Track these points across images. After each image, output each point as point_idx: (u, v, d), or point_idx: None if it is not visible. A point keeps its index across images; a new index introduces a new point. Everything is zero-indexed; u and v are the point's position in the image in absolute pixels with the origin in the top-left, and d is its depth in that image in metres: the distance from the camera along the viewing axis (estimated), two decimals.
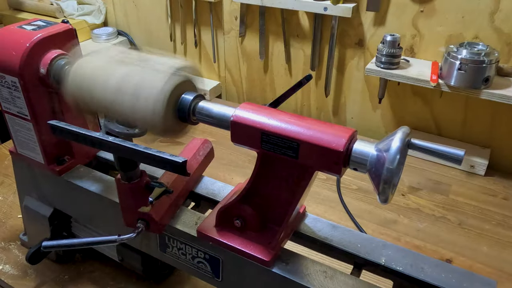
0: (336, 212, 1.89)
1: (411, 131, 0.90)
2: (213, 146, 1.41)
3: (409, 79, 2.01)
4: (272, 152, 0.97)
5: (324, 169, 0.95)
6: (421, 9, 2.06)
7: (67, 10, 3.00)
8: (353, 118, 2.52)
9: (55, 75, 1.25)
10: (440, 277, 1.04)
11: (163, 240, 1.26)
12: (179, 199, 1.26)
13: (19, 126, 1.36)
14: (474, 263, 1.63)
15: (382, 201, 0.89)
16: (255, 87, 2.81)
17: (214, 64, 2.89)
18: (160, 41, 3.06)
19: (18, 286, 1.55)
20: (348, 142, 0.90)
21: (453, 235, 1.76)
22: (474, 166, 2.10)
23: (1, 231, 1.78)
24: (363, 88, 2.40)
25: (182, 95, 1.06)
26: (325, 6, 2.16)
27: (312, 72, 2.49)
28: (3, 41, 1.27)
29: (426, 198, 1.96)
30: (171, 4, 2.83)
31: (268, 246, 1.09)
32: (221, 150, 2.24)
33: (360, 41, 2.29)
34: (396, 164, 0.84)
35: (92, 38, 3.06)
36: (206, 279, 1.25)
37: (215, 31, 2.76)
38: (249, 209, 1.10)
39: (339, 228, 1.18)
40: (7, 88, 1.29)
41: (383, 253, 1.10)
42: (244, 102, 1.02)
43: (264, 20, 2.51)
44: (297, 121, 0.94)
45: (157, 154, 0.99)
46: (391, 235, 1.75)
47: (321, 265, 1.09)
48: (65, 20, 1.35)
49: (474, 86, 1.87)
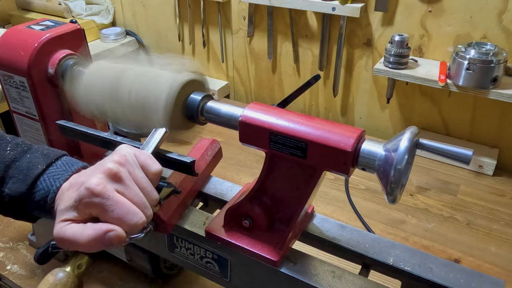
0: (344, 212, 1.89)
1: (419, 131, 0.90)
2: (221, 146, 1.41)
3: (417, 79, 2.01)
4: (281, 152, 0.97)
5: (332, 169, 0.95)
6: (429, 9, 2.06)
7: (75, 10, 3.00)
8: (361, 118, 2.52)
9: (63, 75, 1.25)
10: (448, 277, 1.03)
11: (171, 240, 1.26)
12: (188, 199, 1.26)
13: (27, 126, 1.36)
14: (483, 263, 1.63)
15: (390, 201, 0.89)
16: (263, 87, 2.81)
17: (222, 64, 2.90)
18: (168, 41, 3.06)
19: (26, 286, 1.55)
20: (356, 142, 0.89)
21: (461, 235, 1.75)
22: (483, 166, 2.10)
23: (10, 231, 1.78)
24: (371, 88, 2.39)
25: (191, 95, 1.06)
26: (333, 6, 2.16)
27: (320, 72, 2.49)
28: (12, 41, 1.27)
29: (434, 198, 1.96)
30: (179, 4, 2.83)
31: (276, 246, 1.09)
32: (229, 150, 2.25)
33: (368, 41, 2.29)
34: (404, 164, 0.84)
35: (100, 38, 3.06)
36: (214, 279, 1.25)
37: (223, 31, 2.76)
38: (257, 209, 1.10)
39: (347, 228, 1.18)
40: (15, 88, 1.29)
41: (391, 253, 1.10)
42: (253, 102, 1.02)
43: (272, 20, 2.51)
44: (305, 121, 0.94)
45: (165, 154, 0.99)
46: (399, 235, 1.75)
47: (329, 265, 1.09)
48: (73, 20, 1.35)
49: (482, 86, 1.87)
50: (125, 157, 0.88)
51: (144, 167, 0.90)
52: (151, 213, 0.88)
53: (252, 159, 2.22)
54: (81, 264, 0.88)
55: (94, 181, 0.82)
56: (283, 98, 1.08)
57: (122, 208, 0.82)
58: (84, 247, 0.83)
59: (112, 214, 0.82)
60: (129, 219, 0.83)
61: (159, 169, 0.91)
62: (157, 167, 0.91)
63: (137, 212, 0.84)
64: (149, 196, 0.88)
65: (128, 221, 0.82)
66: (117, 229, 0.82)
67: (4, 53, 1.28)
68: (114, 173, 0.84)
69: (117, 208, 0.82)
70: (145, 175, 0.89)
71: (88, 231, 0.82)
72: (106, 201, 0.82)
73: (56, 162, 0.98)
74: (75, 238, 0.82)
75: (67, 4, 3.01)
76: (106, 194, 0.82)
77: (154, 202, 0.89)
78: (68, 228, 0.83)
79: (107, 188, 0.83)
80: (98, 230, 0.81)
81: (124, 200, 0.83)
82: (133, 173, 0.87)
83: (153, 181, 0.90)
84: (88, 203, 0.82)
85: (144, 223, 0.85)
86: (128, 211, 0.83)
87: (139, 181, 0.87)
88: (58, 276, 0.85)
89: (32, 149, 1.01)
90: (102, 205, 0.82)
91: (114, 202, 0.82)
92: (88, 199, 0.82)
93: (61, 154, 1.01)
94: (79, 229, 0.82)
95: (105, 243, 0.82)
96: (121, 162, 0.86)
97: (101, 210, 0.82)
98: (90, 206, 0.83)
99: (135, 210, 0.84)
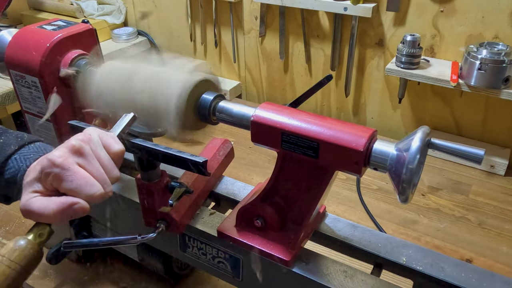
0: (356, 212, 1.89)
1: (431, 131, 0.90)
2: (233, 146, 1.41)
3: (429, 79, 2.01)
4: (293, 152, 0.97)
5: (344, 169, 0.95)
6: (441, 9, 2.06)
7: (87, 10, 3.01)
8: (373, 118, 2.52)
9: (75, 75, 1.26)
10: (460, 277, 1.03)
11: (183, 240, 1.26)
12: (200, 199, 1.27)
13: (39, 126, 1.37)
14: (494, 263, 1.63)
15: (402, 200, 0.89)
16: (275, 87, 2.81)
17: (234, 64, 2.90)
18: (180, 41, 3.07)
19: (38, 286, 1.55)
20: (368, 142, 0.90)
21: (473, 235, 1.75)
22: (494, 166, 2.09)
23: (21, 230, 1.79)
24: (383, 88, 2.39)
25: (202, 95, 1.06)
26: (345, 6, 2.16)
27: (332, 72, 2.49)
28: (23, 41, 1.28)
29: (446, 198, 1.95)
30: (191, 4, 2.84)
31: (288, 245, 1.09)
32: (241, 150, 2.25)
33: (380, 41, 2.29)
34: (416, 164, 0.84)
35: (112, 38, 3.07)
36: (227, 279, 1.25)
37: (235, 31, 2.77)
38: (269, 209, 1.10)
39: (359, 228, 1.18)
40: (27, 88, 1.30)
41: (403, 253, 1.10)
42: (264, 102, 1.02)
43: (284, 20, 2.51)
44: (317, 121, 0.95)
45: (177, 154, 0.99)
46: (411, 235, 1.75)
47: (341, 264, 1.09)
48: (85, 20, 1.36)
49: (494, 86, 1.87)
50: (89, 136, 0.91)
51: (107, 146, 0.93)
52: (110, 189, 0.90)
53: (264, 159, 2.22)
54: (42, 234, 0.89)
55: (56, 153, 0.87)
56: (295, 98, 1.08)
57: (81, 179, 0.86)
58: (50, 219, 0.87)
59: (70, 184, 0.85)
60: (87, 190, 0.86)
61: (120, 149, 0.94)
62: (119, 147, 0.94)
63: (96, 184, 0.87)
64: (109, 173, 0.91)
65: (86, 191, 0.86)
66: (81, 202, 0.85)
67: (16, 53, 1.28)
68: (77, 149, 0.88)
69: (76, 179, 0.85)
70: (107, 154, 0.92)
71: (52, 205, 0.85)
72: (66, 172, 0.85)
73: (29, 145, 1.04)
74: (40, 211, 0.86)
75: (79, 4, 3.02)
76: (67, 165, 0.85)
77: (115, 180, 0.92)
78: (35, 201, 0.87)
79: (68, 160, 0.86)
80: (64, 203, 0.85)
81: (83, 172, 0.87)
82: (95, 151, 0.90)
83: (115, 161, 0.93)
84: (49, 173, 0.86)
85: (102, 195, 0.88)
86: (86, 182, 0.86)
87: (101, 159, 0.90)
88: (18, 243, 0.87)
89: (7, 133, 1.07)
90: (62, 175, 0.85)
91: (73, 173, 0.85)
92: (49, 169, 0.86)
93: (36, 139, 1.07)
94: (45, 202, 0.86)
95: (70, 215, 0.86)
96: (85, 140, 0.90)
97: (60, 180, 0.85)
98: (50, 176, 0.86)
99: (93, 182, 0.87)
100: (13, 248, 0.90)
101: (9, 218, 1.86)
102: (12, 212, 1.88)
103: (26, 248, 0.90)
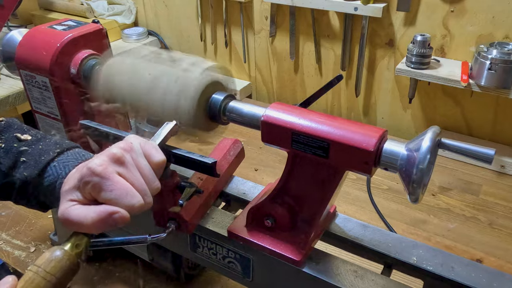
0: (367, 212, 1.89)
1: (441, 131, 0.90)
2: (243, 146, 1.41)
3: (440, 79, 2.01)
4: (303, 151, 0.97)
5: (354, 169, 0.95)
6: (452, 9, 2.06)
7: (98, 10, 3.02)
8: (384, 118, 2.52)
9: (85, 75, 1.26)
10: (470, 277, 1.03)
11: (193, 240, 1.26)
12: (210, 199, 1.27)
13: (49, 126, 1.37)
14: (505, 263, 1.62)
15: (413, 200, 0.89)
16: (285, 87, 2.81)
17: (244, 64, 2.90)
18: (191, 41, 3.07)
19: None
20: (378, 142, 0.90)
21: (483, 235, 1.75)
22: (505, 166, 2.09)
23: (32, 231, 1.80)
24: (393, 88, 2.39)
25: (213, 95, 1.07)
26: (356, 6, 2.16)
27: (343, 72, 2.49)
28: (34, 41, 1.29)
29: (456, 198, 1.95)
30: (202, 4, 2.84)
31: (299, 245, 1.09)
32: (251, 150, 2.25)
33: (390, 41, 2.29)
34: (426, 164, 0.84)
35: (123, 38, 3.08)
36: (237, 278, 1.25)
37: (245, 31, 2.77)
38: (279, 209, 1.10)
39: (370, 228, 1.18)
40: (37, 88, 1.30)
41: (413, 253, 1.10)
42: (275, 102, 1.02)
43: (294, 20, 2.51)
44: (328, 121, 0.95)
45: (187, 155, 1.00)
46: (422, 235, 1.74)
47: (351, 264, 1.09)
48: (95, 20, 1.36)
49: (504, 86, 1.86)
50: (131, 144, 0.90)
51: (148, 156, 0.91)
52: (150, 200, 0.89)
53: (274, 159, 2.22)
54: (79, 244, 0.88)
55: (96, 161, 0.84)
56: (305, 98, 1.08)
57: (121, 189, 0.84)
58: (89, 229, 0.85)
59: (109, 194, 0.83)
60: (127, 201, 0.84)
61: (162, 159, 0.92)
62: (160, 157, 0.92)
63: (136, 195, 0.85)
64: (150, 184, 0.89)
65: (125, 202, 0.84)
66: (121, 211, 0.83)
67: (27, 53, 1.29)
68: (117, 157, 0.86)
69: (116, 189, 0.83)
70: (148, 164, 0.90)
71: (92, 214, 0.83)
72: (106, 181, 0.83)
73: (68, 152, 1.01)
74: (79, 220, 0.84)
75: (89, 4, 3.03)
76: (107, 175, 0.83)
77: (155, 191, 0.90)
78: (73, 210, 0.85)
79: (108, 169, 0.84)
80: (104, 212, 0.83)
81: (123, 182, 0.85)
82: (136, 160, 0.89)
83: (156, 171, 0.91)
84: (88, 182, 0.84)
85: (142, 206, 0.86)
86: (127, 193, 0.84)
87: (141, 168, 0.89)
88: (55, 254, 0.86)
89: (46, 138, 1.04)
90: (101, 185, 0.83)
91: (113, 182, 0.83)
92: (89, 178, 0.84)
93: (74, 145, 1.04)
94: (84, 211, 0.84)
95: (109, 224, 0.84)
96: (126, 148, 0.88)
97: (99, 190, 0.84)
98: (89, 185, 0.84)
99: (133, 192, 0.85)
100: (49, 258, 0.89)
101: (19, 218, 1.87)
102: (23, 212, 1.89)
103: (63, 259, 0.89)
